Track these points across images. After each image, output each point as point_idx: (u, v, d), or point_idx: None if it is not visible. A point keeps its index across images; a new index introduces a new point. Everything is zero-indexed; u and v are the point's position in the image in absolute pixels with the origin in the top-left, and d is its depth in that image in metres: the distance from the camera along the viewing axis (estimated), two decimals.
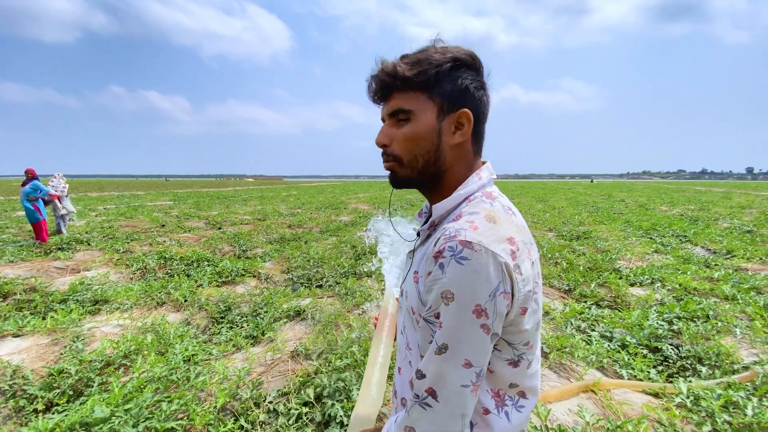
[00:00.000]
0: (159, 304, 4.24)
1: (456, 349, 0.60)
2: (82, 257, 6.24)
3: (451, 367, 0.60)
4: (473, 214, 0.68)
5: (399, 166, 0.74)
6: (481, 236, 0.61)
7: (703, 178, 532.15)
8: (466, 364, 0.60)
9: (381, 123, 0.78)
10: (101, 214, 12.43)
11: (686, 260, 6.05)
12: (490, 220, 0.66)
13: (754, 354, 3.06)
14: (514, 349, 0.69)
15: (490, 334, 0.61)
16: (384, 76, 0.72)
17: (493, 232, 0.63)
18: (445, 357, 0.60)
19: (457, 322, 0.59)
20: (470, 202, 0.72)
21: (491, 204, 0.71)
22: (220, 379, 2.64)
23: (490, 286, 0.59)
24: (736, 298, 4.19)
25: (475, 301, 0.59)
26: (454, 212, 0.73)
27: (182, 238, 8.01)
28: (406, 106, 0.72)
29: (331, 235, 8.78)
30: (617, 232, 8.88)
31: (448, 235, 0.63)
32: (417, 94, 0.72)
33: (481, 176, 0.76)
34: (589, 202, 17.65)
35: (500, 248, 0.61)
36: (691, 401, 2.40)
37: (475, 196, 0.73)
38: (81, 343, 3.19)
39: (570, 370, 2.85)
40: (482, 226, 0.64)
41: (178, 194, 25.69)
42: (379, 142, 0.76)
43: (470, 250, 0.59)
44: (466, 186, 0.74)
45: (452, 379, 0.60)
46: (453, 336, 0.60)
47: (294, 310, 3.94)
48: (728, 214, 11.92)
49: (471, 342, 0.60)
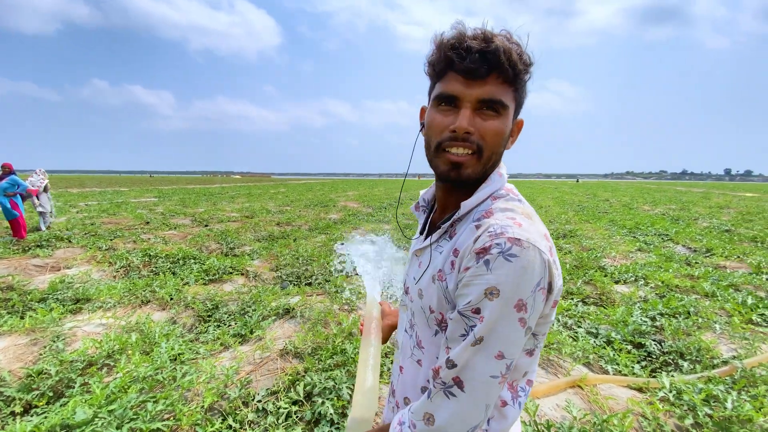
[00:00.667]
0: (143, 302, 4.16)
1: (491, 340, 0.60)
2: (62, 255, 6.07)
3: (483, 357, 0.60)
4: (509, 211, 0.67)
5: (477, 159, 0.68)
6: (528, 233, 0.61)
7: (683, 178, 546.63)
8: (499, 355, 0.60)
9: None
10: (82, 210, 12.10)
11: (668, 258, 6.20)
12: (527, 217, 0.66)
13: (733, 349, 3.15)
14: (535, 340, 0.71)
15: (525, 327, 0.61)
16: (501, 55, 0.64)
17: (535, 229, 0.63)
18: (479, 348, 0.60)
19: (498, 317, 0.59)
20: (497, 200, 0.71)
21: (521, 201, 0.72)
22: (207, 378, 2.60)
23: (533, 281, 0.59)
24: (715, 295, 4.31)
25: (518, 296, 0.59)
26: (479, 208, 0.71)
27: (167, 236, 7.86)
28: (504, 100, 0.67)
29: (320, 232, 8.73)
30: (602, 230, 9.05)
31: (493, 232, 0.61)
32: (510, 89, 0.68)
33: (501, 173, 0.75)
34: (574, 202, 17.94)
35: (543, 245, 0.62)
36: (674, 395, 2.46)
37: (500, 194, 0.73)
38: (61, 343, 3.10)
39: (557, 366, 2.89)
40: (525, 222, 0.64)
41: (163, 191, 25.20)
42: (465, 128, 0.65)
43: (519, 248, 0.59)
44: (490, 183, 0.73)
45: (482, 370, 0.60)
46: (491, 329, 0.60)
47: (283, 308, 3.90)
48: (707, 214, 12.26)
49: (507, 335, 0.60)
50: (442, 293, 0.70)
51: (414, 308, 0.81)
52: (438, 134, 0.69)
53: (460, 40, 0.66)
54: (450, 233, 0.75)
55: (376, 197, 19.79)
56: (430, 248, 0.78)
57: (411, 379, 0.81)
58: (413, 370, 0.80)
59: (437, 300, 0.72)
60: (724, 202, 18.17)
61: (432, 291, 0.73)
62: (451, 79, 0.68)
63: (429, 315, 0.75)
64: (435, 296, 0.72)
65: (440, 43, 0.68)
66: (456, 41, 0.66)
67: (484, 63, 0.64)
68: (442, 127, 0.68)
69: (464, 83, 0.66)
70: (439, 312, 0.72)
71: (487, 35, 0.65)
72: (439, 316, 0.73)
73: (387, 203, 15.94)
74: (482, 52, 0.64)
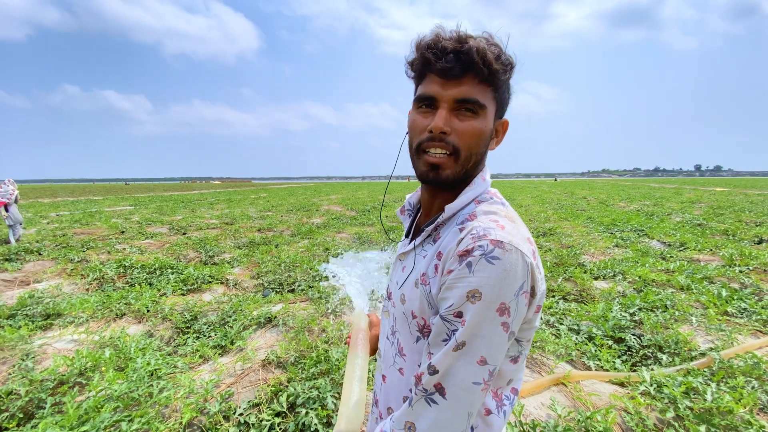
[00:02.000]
0: (118, 315, 4.00)
1: (473, 345, 0.59)
2: (32, 268, 5.80)
3: (465, 363, 0.59)
4: (493, 214, 0.67)
5: (454, 160, 0.68)
6: (510, 236, 0.61)
7: (656, 175, 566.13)
8: (481, 361, 0.59)
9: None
10: (53, 221, 11.64)
11: (644, 253, 6.37)
12: (511, 220, 0.66)
13: (710, 341, 3.24)
14: (519, 346, 0.69)
15: (509, 332, 0.60)
16: (474, 55, 0.64)
17: (517, 232, 0.63)
18: (461, 353, 0.59)
19: (480, 320, 0.58)
20: (481, 203, 0.71)
21: (504, 205, 0.71)
22: (186, 393, 2.50)
23: (515, 285, 0.59)
24: (690, 288, 4.44)
25: (501, 299, 0.58)
26: (462, 212, 0.71)
27: (144, 245, 7.62)
28: (482, 100, 0.67)
29: (303, 237, 8.63)
30: (580, 228, 9.24)
31: (476, 234, 0.61)
32: (488, 89, 0.68)
33: (485, 177, 0.75)
34: (553, 200, 18.30)
35: (526, 248, 0.61)
36: (655, 389, 2.51)
37: (483, 197, 0.73)
38: (31, 362, 2.95)
39: (541, 364, 2.92)
40: (507, 225, 0.63)
41: (140, 198, 24.52)
42: (440, 127, 0.66)
43: (501, 250, 0.59)
44: (474, 187, 0.73)
45: (464, 376, 0.59)
46: (473, 333, 0.58)
47: (265, 317, 3.81)
48: (680, 209, 12.69)
49: (489, 339, 0.59)
50: (425, 297, 0.69)
51: (396, 314, 0.79)
52: (418, 135, 0.70)
53: (436, 41, 0.67)
54: (434, 237, 0.74)
55: (359, 200, 19.73)
56: (414, 252, 0.77)
57: (394, 388, 0.79)
58: (396, 379, 0.78)
59: (419, 305, 0.70)
60: (696, 197, 18.86)
61: (415, 295, 0.72)
62: (429, 81, 0.69)
63: (411, 320, 0.73)
64: (417, 301, 0.71)
65: (418, 44, 0.69)
66: (432, 42, 0.67)
67: (459, 63, 0.65)
68: (421, 127, 0.69)
69: (441, 84, 0.67)
70: (421, 317, 0.71)
71: (462, 36, 0.66)
72: (422, 321, 0.71)
73: (371, 206, 15.91)
74: (456, 52, 0.65)
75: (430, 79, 0.68)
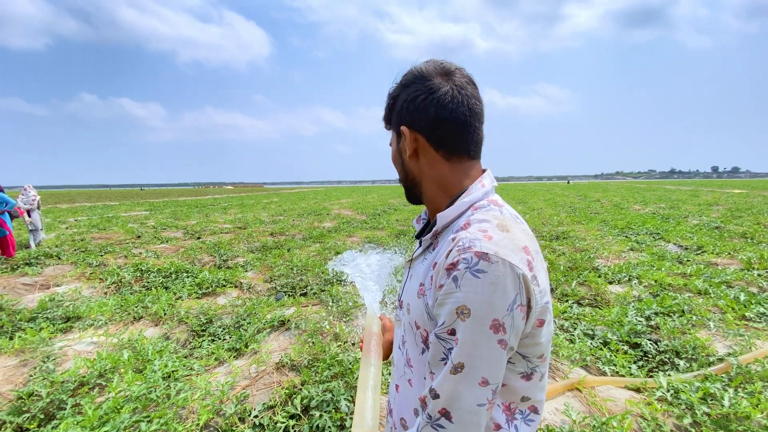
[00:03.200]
0: (136, 318, 4.09)
1: (472, 367, 0.57)
2: (51, 272, 5.96)
3: (467, 387, 0.58)
4: (484, 222, 0.65)
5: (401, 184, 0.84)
6: (497, 246, 0.59)
7: (672, 177, 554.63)
8: (483, 382, 0.58)
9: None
10: (72, 226, 11.94)
11: (660, 257, 6.26)
12: (502, 229, 0.63)
13: (728, 346, 3.18)
14: (528, 362, 0.67)
15: (506, 348, 0.59)
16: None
17: (509, 242, 0.61)
18: (461, 376, 0.58)
19: (474, 339, 0.57)
20: (477, 210, 0.69)
21: (500, 211, 0.69)
22: (202, 395, 2.55)
23: (507, 299, 0.57)
24: (708, 293, 4.36)
25: (493, 316, 0.56)
26: (459, 220, 0.69)
27: (159, 250, 7.77)
28: (391, 138, 0.83)
29: (314, 241, 8.69)
30: (594, 231, 9.13)
31: (461, 246, 0.60)
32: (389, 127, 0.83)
33: (483, 183, 0.74)
34: (566, 203, 18.09)
35: (517, 258, 0.59)
36: (672, 395, 2.47)
37: (481, 204, 0.70)
38: (52, 364, 3.04)
39: (555, 369, 2.89)
40: (496, 235, 0.61)
41: (155, 204, 24.98)
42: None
43: (486, 262, 0.57)
44: (470, 194, 0.72)
45: (468, 399, 0.58)
46: (470, 353, 0.57)
47: (278, 320, 3.86)
48: (697, 212, 12.43)
49: (488, 359, 0.57)
50: (424, 309, 0.69)
51: (405, 323, 0.78)
52: None
53: None
54: (433, 245, 0.74)
55: (369, 204, 19.79)
56: (411, 262, 0.81)
57: (405, 398, 0.79)
58: (406, 389, 0.78)
59: (421, 316, 0.70)
60: (713, 199, 18.44)
61: (417, 306, 0.71)
62: None
63: (416, 331, 0.73)
64: (418, 312, 0.70)
65: None
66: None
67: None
68: None
69: None
70: (423, 329, 0.70)
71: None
72: (424, 333, 0.70)
73: (381, 210, 15.94)
74: None
75: None
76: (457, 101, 0.70)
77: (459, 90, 0.71)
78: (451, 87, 0.71)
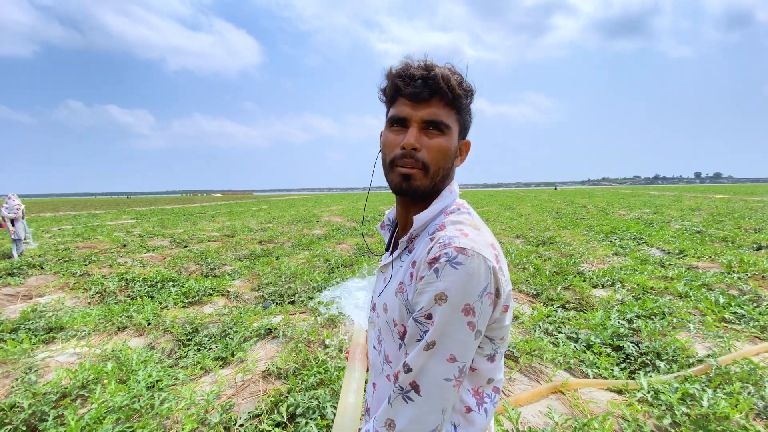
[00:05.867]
0: (120, 328, 4.03)
1: (443, 344, 0.63)
2: (34, 282, 5.84)
3: (436, 362, 0.64)
4: (459, 223, 0.73)
5: (424, 173, 0.75)
6: (472, 242, 0.66)
7: (656, 183, 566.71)
8: (451, 358, 0.64)
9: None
10: (56, 235, 11.71)
11: (643, 261, 6.39)
12: (475, 228, 0.72)
13: (708, 347, 3.26)
14: (493, 344, 0.74)
15: (474, 330, 0.65)
16: (440, 81, 0.72)
17: (481, 239, 0.69)
18: (432, 352, 0.64)
19: (446, 320, 0.63)
20: (449, 214, 0.77)
21: (470, 214, 0.78)
22: (187, 404, 2.53)
23: (479, 287, 0.64)
24: (688, 295, 4.46)
25: (465, 301, 0.63)
26: (433, 223, 0.77)
27: (145, 258, 7.67)
28: (447, 121, 0.75)
29: (303, 249, 8.67)
30: (580, 236, 9.27)
31: (442, 242, 0.67)
32: (452, 112, 0.76)
33: (452, 190, 0.82)
34: (553, 209, 18.34)
35: (488, 253, 0.67)
36: (652, 396, 2.52)
37: (452, 209, 0.79)
38: (34, 375, 2.98)
39: (539, 373, 2.93)
40: (471, 233, 0.69)
41: (141, 212, 24.63)
42: (411, 144, 0.73)
43: (464, 256, 0.64)
44: (442, 199, 0.80)
45: (436, 373, 0.64)
46: (442, 332, 0.63)
47: (265, 329, 3.84)
48: (680, 216, 12.71)
49: (457, 338, 0.64)
50: (403, 305, 0.74)
51: (380, 323, 0.84)
52: (391, 151, 0.77)
53: (405, 69, 0.75)
54: (409, 248, 0.81)
55: (360, 211, 19.80)
56: (392, 264, 0.84)
57: (383, 395, 0.83)
58: (385, 386, 0.82)
59: (399, 312, 0.75)
60: (696, 204, 18.87)
61: (395, 304, 0.77)
62: (400, 103, 0.76)
63: (393, 328, 0.78)
64: (397, 308, 0.76)
65: (389, 73, 0.78)
66: (402, 70, 0.75)
67: (426, 87, 0.73)
68: (393, 144, 0.76)
69: (411, 106, 0.75)
70: (401, 324, 0.75)
71: (428, 65, 0.74)
72: (402, 328, 0.76)
73: (370, 217, 15.96)
74: (424, 79, 0.73)
75: (400, 102, 0.76)
76: None
77: None
78: None
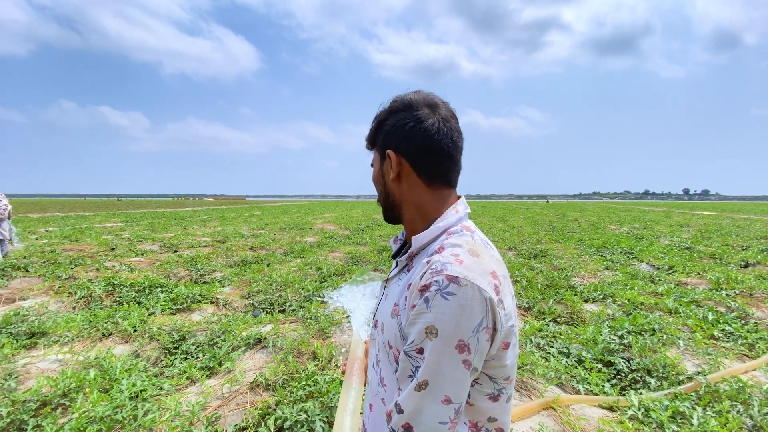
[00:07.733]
0: (105, 335, 3.94)
1: (436, 384, 0.59)
2: (18, 285, 5.70)
3: (430, 403, 0.60)
4: (456, 246, 0.68)
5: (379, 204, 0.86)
6: (467, 270, 0.62)
7: (645, 198, 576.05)
8: (446, 400, 0.60)
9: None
10: (42, 237, 11.48)
11: (633, 276, 6.44)
12: (473, 254, 0.66)
13: (697, 365, 3.27)
14: (495, 384, 0.68)
15: (470, 369, 0.61)
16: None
17: (478, 266, 0.64)
18: (425, 393, 0.60)
19: (439, 358, 0.59)
20: (450, 235, 0.72)
21: (472, 237, 0.72)
22: (171, 415, 2.46)
23: (473, 321, 0.59)
24: (678, 312, 4.49)
25: (459, 337, 0.59)
26: (434, 244, 0.72)
27: (134, 263, 7.54)
28: (373, 160, 0.86)
29: (295, 256, 8.60)
30: (572, 250, 9.33)
31: (434, 269, 0.63)
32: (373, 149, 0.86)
33: (458, 209, 0.77)
34: (545, 222, 18.48)
35: (485, 282, 0.62)
36: (642, 413, 2.52)
37: (454, 230, 0.73)
38: (14, 382, 2.89)
39: (531, 388, 2.91)
40: (467, 259, 0.64)
41: (131, 215, 24.31)
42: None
43: (456, 285, 0.60)
44: (444, 219, 0.75)
45: (430, 416, 0.60)
46: (434, 371, 0.59)
47: (254, 338, 3.77)
48: (669, 232, 12.88)
49: (452, 378, 0.60)
50: (398, 329, 0.70)
51: (379, 343, 0.80)
52: None
53: None
54: (408, 266, 0.77)
55: (353, 219, 19.76)
56: (387, 283, 0.82)
57: (378, 418, 0.79)
58: (380, 408, 0.79)
59: (394, 336, 0.71)
60: (684, 220, 19.16)
61: (390, 325, 0.73)
62: None
63: (389, 351, 0.74)
64: (392, 331, 0.72)
65: None
66: None
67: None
68: None
69: None
70: (396, 348, 0.71)
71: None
72: (397, 352, 0.71)
73: (364, 225, 15.92)
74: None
75: None
76: (442, 133, 0.75)
77: (444, 122, 0.75)
78: (437, 119, 0.75)
